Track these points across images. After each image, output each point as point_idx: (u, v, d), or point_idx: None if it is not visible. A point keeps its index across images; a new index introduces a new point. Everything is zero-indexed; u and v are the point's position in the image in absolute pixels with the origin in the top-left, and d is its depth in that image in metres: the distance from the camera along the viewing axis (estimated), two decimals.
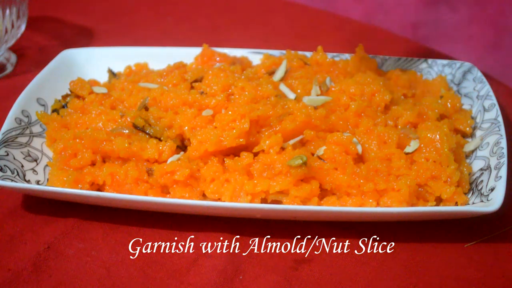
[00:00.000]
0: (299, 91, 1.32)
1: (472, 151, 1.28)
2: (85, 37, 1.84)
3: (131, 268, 1.08)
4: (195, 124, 1.21)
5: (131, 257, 1.10)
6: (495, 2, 2.42)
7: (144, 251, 1.11)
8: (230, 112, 1.20)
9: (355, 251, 1.12)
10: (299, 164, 1.13)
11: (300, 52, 1.50)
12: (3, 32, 1.55)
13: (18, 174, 1.18)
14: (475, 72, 1.45)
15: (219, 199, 1.16)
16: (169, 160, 1.18)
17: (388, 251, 1.12)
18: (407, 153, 1.20)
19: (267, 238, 1.14)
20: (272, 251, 1.12)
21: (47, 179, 1.22)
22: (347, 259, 1.10)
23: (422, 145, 1.21)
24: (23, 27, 1.61)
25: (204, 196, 1.18)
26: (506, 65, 2.43)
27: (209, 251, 1.11)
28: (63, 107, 1.36)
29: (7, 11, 1.53)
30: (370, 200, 1.14)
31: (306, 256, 1.11)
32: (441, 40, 2.48)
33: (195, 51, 1.52)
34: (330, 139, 1.19)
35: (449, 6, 2.46)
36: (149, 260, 1.09)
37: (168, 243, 1.13)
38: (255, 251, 1.12)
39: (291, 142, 1.20)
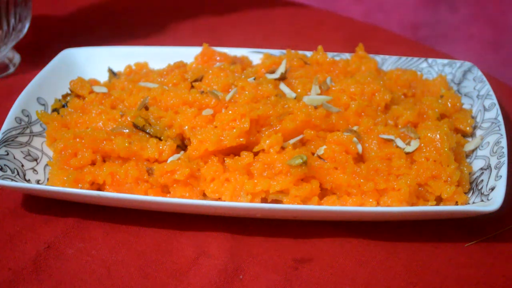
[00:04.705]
0: (299, 90, 1.32)
1: (472, 151, 1.28)
2: (86, 36, 1.83)
3: (131, 268, 1.08)
4: (195, 123, 1.21)
5: (131, 256, 1.10)
6: (495, 2, 2.42)
7: (144, 251, 1.11)
8: (230, 112, 1.20)
9: (355, 251, 1.12)
10: (299, 163, 1.13)
11: (300, 52, 1.50)
12: (10, 31, 1.54)
13: (18, 173, 1.18)
14: (475, 72, 1.45)
15: (219, 199, 1.16)
16: (169, 160, 1.18)
17: (388, 251, 1.12)
18: (407, 153, 1.20)
19: (267, 237, 1.14)
20: (272, 250, 1.12)
21: (47, 179, 1.22)
22: (347, 259, 1.10)
23: (422, 145, 1.21)
24: (26, 28, 1.61)
25: (204, 196, 1.18)
26: (506, 65, 2.43)
27: (209, 251, 1.11)
28: (63, 106, 1.36)
29: (12, 12, 1.52)
30: (370, 200, 1.14)
31: (306, 256, 1.11)
32: (441, 40, 2.48)
33: (195, 50, 1.52)
34: (330, 139, 1.19)
35: (449, 6, 2.46)
36: (149, 260, 1.09)
37: (168, 243, 1.13)
38: (255, 250, 1.12)
39: (291, 141, 1.20)
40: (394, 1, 2.53)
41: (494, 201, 1.10)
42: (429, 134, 1.21)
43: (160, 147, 1.20)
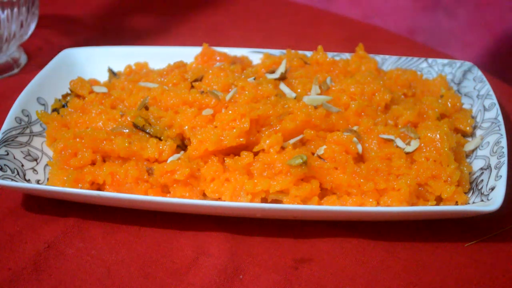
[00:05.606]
0: (299, 90, 1.32)
1: (472, 151, 1.28)
2: (86, 36, 1.83)
3: (131, 268, 1.08)
4: (195, 123, 1.21)
5: (131, 256, 1.10)
6: (493, 8, 2.42)
7: (144, 251, 1.11)
8: (230, 112, 1.20)
9: (355, 251, 1.12)
10: (299, 163, 1.13)
11: (300, 52, 1.50)
12: (18, 30, 1.54)
13: (18, 173, 1.18)
14: (475, 72, 1.45)
15: (219, 199, 1.16)
16: (169, 160, 1.18)
17: (388, 251, 1.12)
18: (407, 153, 1.20)
19: (267, 237, 1.14)
20: (272, 250, 1.12)
21: (47, 179, 1.22)
22: (347, 259, 1.10)
23: (422, 145, 1.21)
24: (32, 27, 1.60)
25: (204, 196, 1.18)
26: (504, 70, 2.43)
27: (209, 251, 1.11)
28: (63, 106, 1.36)
29: (19, 10, 1.52)
30: (370, 200, 1.14)
31: (306, 256, 1.11)
32: (438, 45, 2.49)
33: (195, 50, 1.52)
34: (330, 139, 1.19)
35: (447, 11, 2.46)
36: (149, 260, 1.09)
37: (168, 243, 1.13)
38: (255, 250, 1.12)
39: (291, 141, 1.20)
40: (391, 6, 2.53)
41: (494, 201, 1.10)
42: (429, 134, 1.21)
43: (160, 147, 1.20)
